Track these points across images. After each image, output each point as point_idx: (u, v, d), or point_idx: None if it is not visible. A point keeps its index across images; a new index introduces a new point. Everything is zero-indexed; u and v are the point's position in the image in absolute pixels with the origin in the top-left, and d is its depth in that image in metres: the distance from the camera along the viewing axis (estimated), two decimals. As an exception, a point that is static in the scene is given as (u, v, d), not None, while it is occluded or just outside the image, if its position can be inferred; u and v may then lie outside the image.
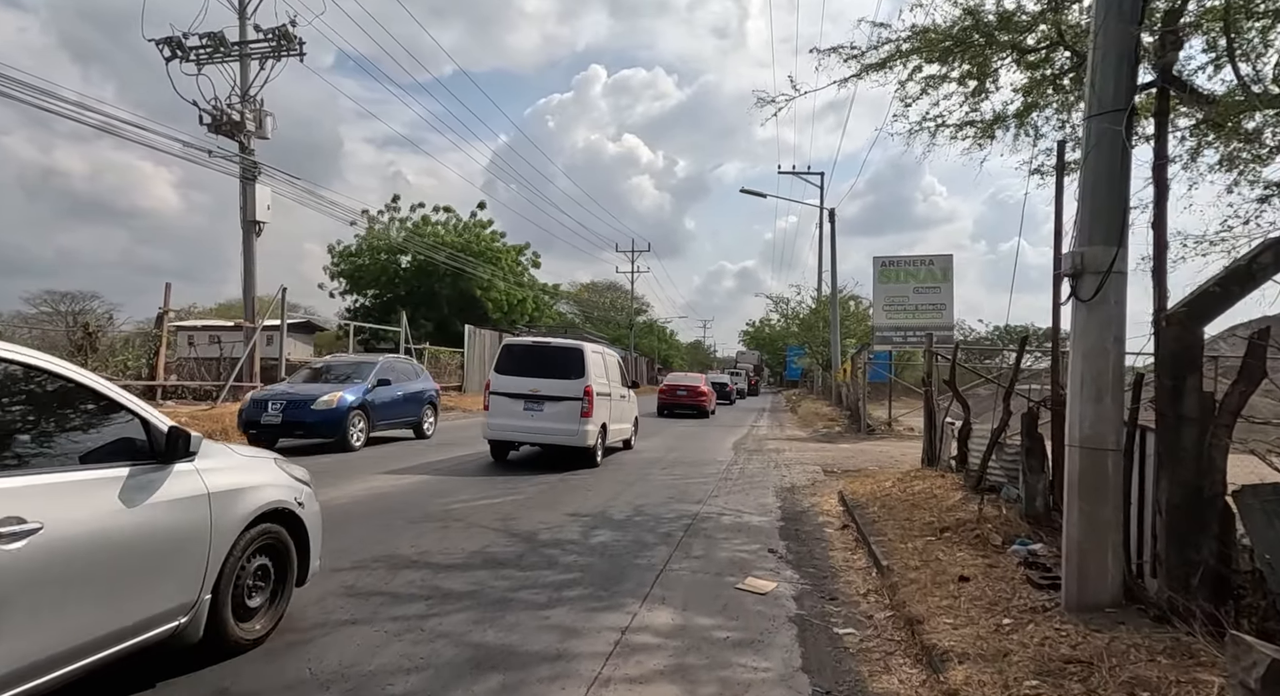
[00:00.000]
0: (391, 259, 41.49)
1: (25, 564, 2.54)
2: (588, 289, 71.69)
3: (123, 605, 3.00)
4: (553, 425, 11.12)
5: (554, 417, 11.11)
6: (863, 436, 18.56)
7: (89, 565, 2.82)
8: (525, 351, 11.78)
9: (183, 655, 3.46)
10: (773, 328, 52.78)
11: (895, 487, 8.54)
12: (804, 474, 11.61)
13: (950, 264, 19.68)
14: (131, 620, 3.03)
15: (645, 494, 9.11)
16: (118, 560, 2.97)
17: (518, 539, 6.45)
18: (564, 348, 11.75)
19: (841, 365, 24.80)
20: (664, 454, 13.65)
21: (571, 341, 12.44)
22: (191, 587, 3.35)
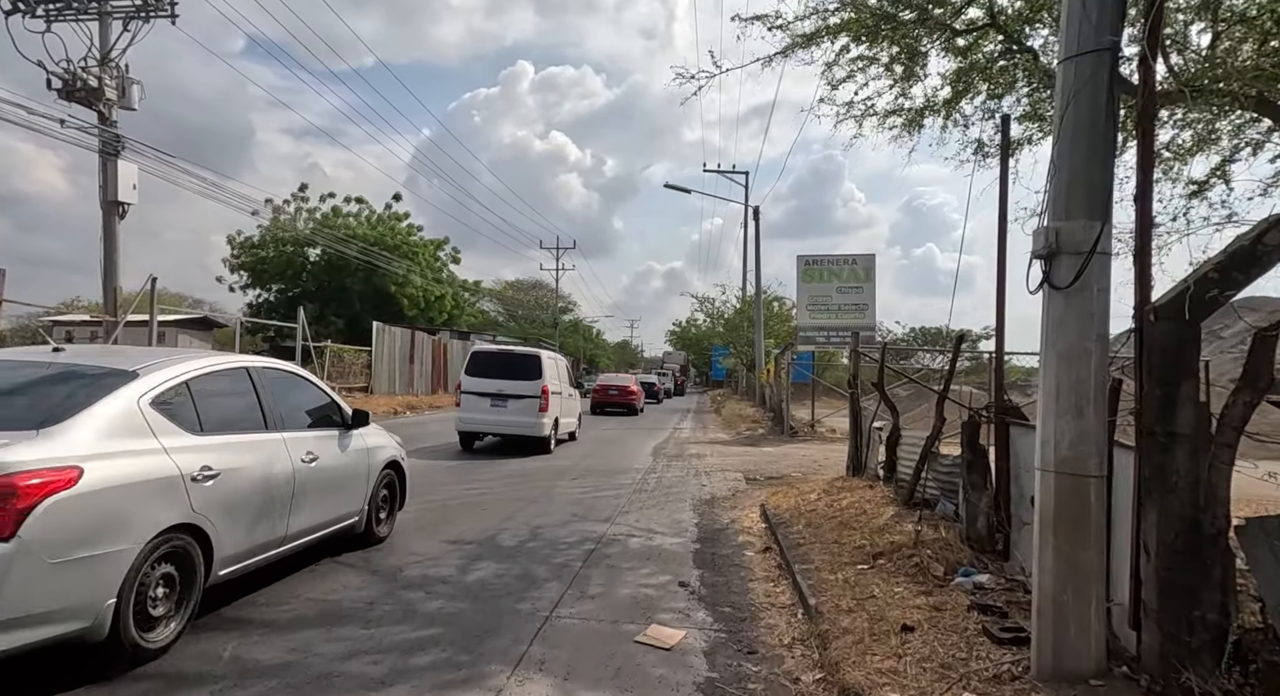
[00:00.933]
0: (298, 251, 38.92)
1: (313, 476, 5.05)
2: (512, 286, 69.80)
3: (338, 505, 5.50)
4: (515, 418, 13.10)
5: (516, 412, 13.07)
6: (786, 439, 17.98)
7: (329, 480, 5.32)
8: (491, 357, 14.04)
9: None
10: (698, 328, 52.43)
11: (821, 500, 7.75)
12: (725, 482, 10.77)
13: (873, 264, 19.38)
14: (340, 512, 5.56)
15: (547, 511, 8.03)
16: (337, 480, 5.45)
17: (376, 578, 5.28)
18: (524, 354, 14.01)
19: (765, 365, 24.33)
20: (578, 461, 12.58)
21: (530, 349, 14.76)
22: (360, 502, 5.86)
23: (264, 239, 38.82)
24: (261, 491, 4.52)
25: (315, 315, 38.70)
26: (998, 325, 5.58)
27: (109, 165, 14.27)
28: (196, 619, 4.04)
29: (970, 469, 5.53)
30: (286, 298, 39.96)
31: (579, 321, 65.67)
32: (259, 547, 4.54)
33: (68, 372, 4.03)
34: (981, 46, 9.10)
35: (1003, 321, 5.58)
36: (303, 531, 5.04)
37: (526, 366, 13.40)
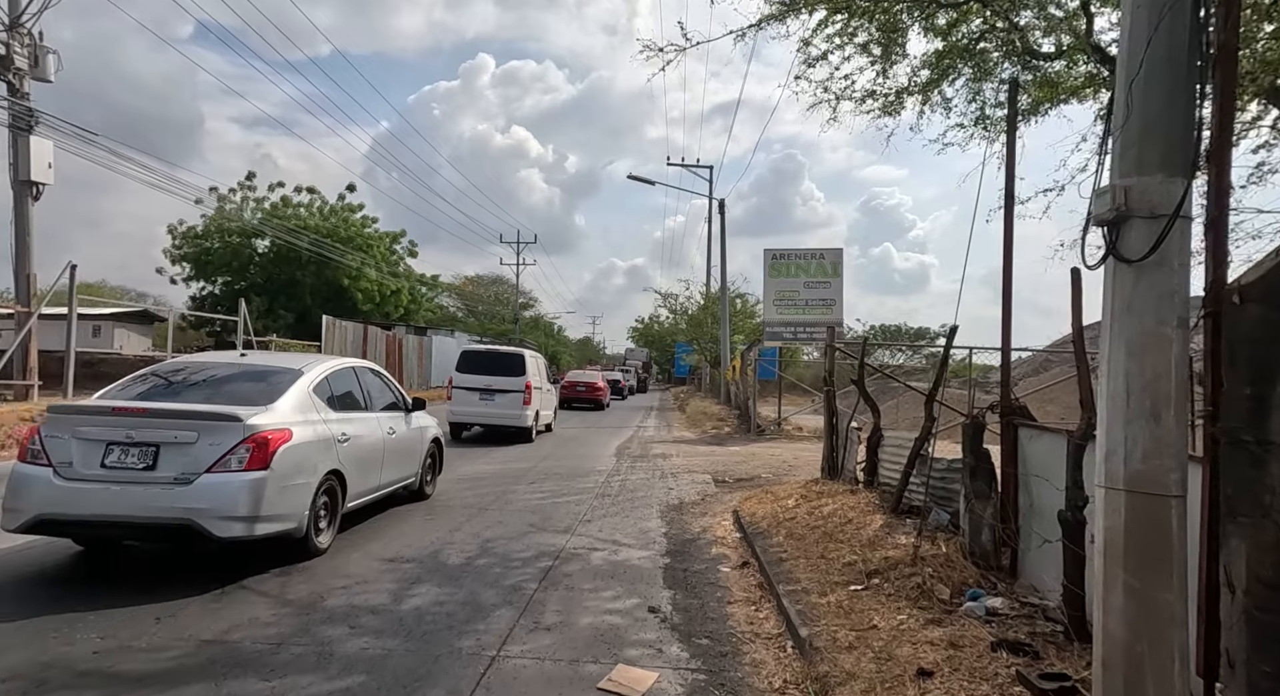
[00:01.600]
0: (245, 243, 37.18)
1: (392, 445, 7.00)
2: (472, 282, 68.33)
3: (405, 468, 7.47)
4: (502, 411, 14.56)
5: (503, 405, 14.55)
6: (753, 437, 17.44)
7: (400, 449, 7.26)
8: (480, 355, 15.72)
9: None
10: (661, 324, 51.83)
11: (801, 507, 7.13)
12: (693, 485, 10.11)
13: (840, 258, 18.95)
14: (406, 473, 7.54)
15: (501, 520, 7.25)
16: (403, 449, 7.35)
17: (290, 610, 4.44)
18: (510, 353, 15.69)
19: (731, 362, 23.80)
20: (536, 463, 11.80)
21: (515, 349, 16.52)
22: (417, 466, 7.87)
23: (208, 229, 37.00)
24: (369, 452, 6.57)
25: (264, 309, 37.06)
26: (1004, 312, 5.00)
27: (19, 142, 12.97)
28: (45, 676, 3.19)
29: (974, 475, 4.94)
30: (233, 290, 38.11)
31: (539, 317, 64.57)
32: (366, 491, 6.61)
33: (259, 371, 5.98)
34: (967, 21, 8.60)
35: (1009, 307, 5.00)
36: (386, 483, 7.11)
37: (512, 364, 14.93)
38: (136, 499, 4.78)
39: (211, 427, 4.97)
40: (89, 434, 4.93)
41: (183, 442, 4.90)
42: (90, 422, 4.96)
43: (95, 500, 4.77)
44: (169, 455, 4.89)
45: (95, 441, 4.91)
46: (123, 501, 4.77)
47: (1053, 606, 4.12)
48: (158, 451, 4.89)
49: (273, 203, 38.24)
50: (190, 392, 5.57)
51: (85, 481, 4.82)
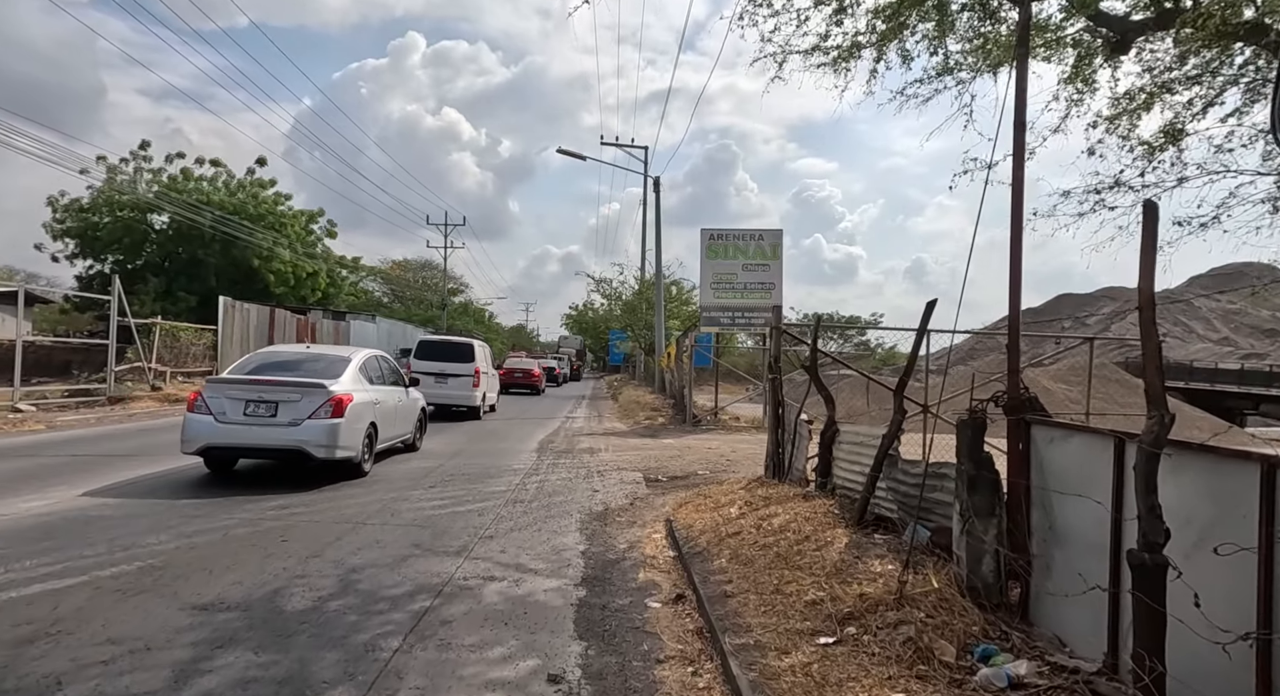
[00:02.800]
0: (139, 218, 33.82)
1: (400, 409, 10.04)
2: (400, 266, 65.26)
3: (407, 426, 10.50)
4: (454, 392, 16.44)
5: (455, 387, 16.44)
6: (688, 428, 16.31)
7: (404, 412, 10.31)
8: (435, 344, 17.80)
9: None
10: (595, 312, 50.40)
11: (746, 518, 5.93)
12: (621, 486, 8.84)
13: (780, 240, 17.97)
14: (407, 430, 10.55)
15: (379, 539, 5.80)
16: (405, 412, 10.33)
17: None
18: (461, 342, 17.93)
19: (666, 349, 22.65)
20: (443, 461, 10.29)
21: (466, 339, 18.93)
22: (412, 426, 10.80)
23: (95, 202, 33.51)
24: (389, 412, 9.45)
25: (162, 291, 33.91)
26: (1011, 282, 3.87)
27: None
28: None
29: (973, 487, 3.81)
30: (126, 270, 34.72)
31: (469, 303, 62.08)
32: (387, 439, 9.47)
33: (325, 356, 9.10)
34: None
35: (1019, 276, 3.88)
36: (396, 435, 10.04)
37: (463, 352, 17.05)
38: (267, 434, 7.78)
39: (309, 391, 7.94)
40: (234, 394, 7.87)
41: (292, 400, 7.86)
42: (234, 388, 7.92)
43: (242, 435, 7.76)
44: (284, 408, 7.84)
45: (238, 399, 7.84)
46: (259, 435, 7.77)
47: (1094, 671, 3.01)
48: (277, 405, 7.84)
49: (171, 175, 34.96)
50: (286, 370, 8.42)
51: (234, 424, 7.76)
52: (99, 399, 16.98)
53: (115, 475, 8.02)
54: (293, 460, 8.07)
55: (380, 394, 9.25)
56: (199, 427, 7.78)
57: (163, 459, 9.06)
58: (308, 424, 7.78)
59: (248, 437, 7.76)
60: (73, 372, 21.42)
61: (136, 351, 18.64)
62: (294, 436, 7.73)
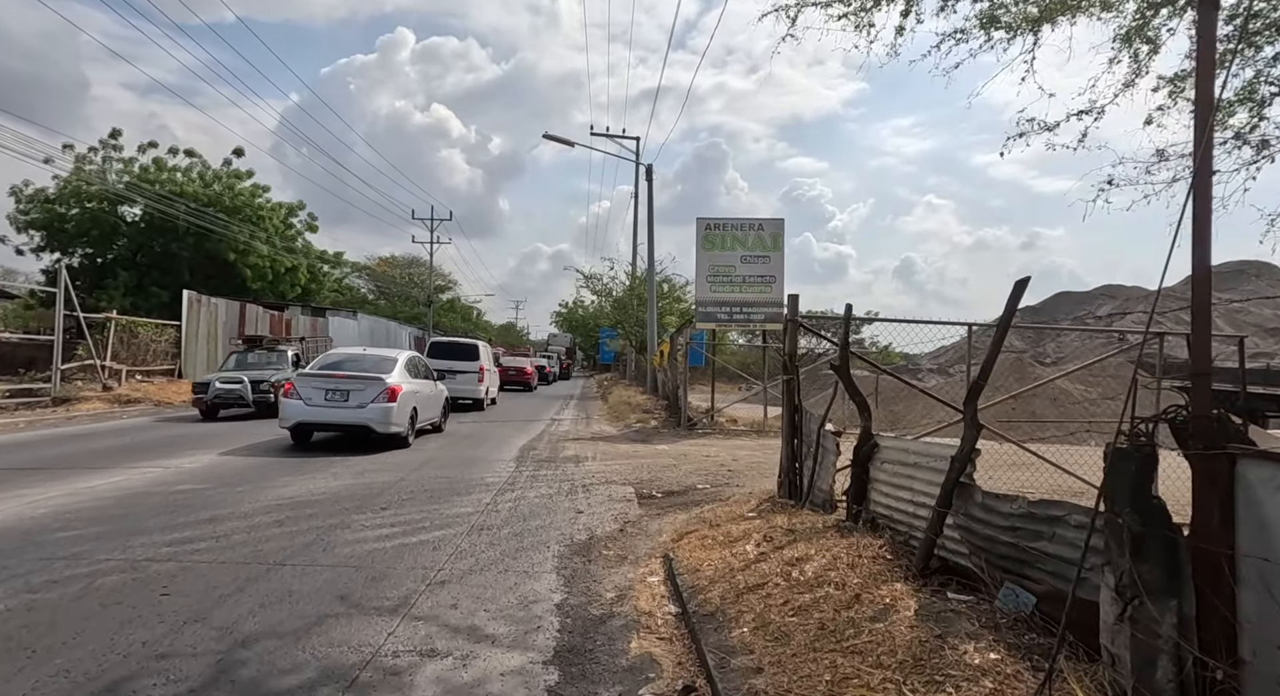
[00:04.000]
0: (108, 209, 32.13)
1: (431, 398, 12.72)
2: (387, 263, 63.62)
3: (435, 412, 13.08)
4: (461, 387, 17.88)
5: (462, 383, 17.98)
6: (683, 432, 14.98)
7: (434, 401, 12.96)
8: (445, 345, 19.71)
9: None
10: (585, 309, 48.95)
11: (768, 557, 4.60)
12: (610, 505, 7.50)
13: (781, 229, 16.64)
14: (435, 415, 13.12)
15: (292, 589, 4.43)
16: (435, 401, 13.00)
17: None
18: (467, 343, 20.10)
19: (658, 346, 21.31)
20: (406, 473, 8.90)
21: (471, 340, 21.57)
22: (439, 412, 13.35)
23: (62, 193, 31.81)
24: (424, 400, 11.96)
25: (132, 285, 32.29)
26: (1196, 242, 2.56)
27: None
28: None
29: (1139, 551, 2.49)
30: (96, 264, 33.13)
31: (456, 300, 60.44)
32: (423, 420, 11.90)
33: (378, 356, 11.93)
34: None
35: (1207, 246, 2.56)
36: (428, 419, 12.39)
37: (469, 352, 19.14)
38: (342, 414, 10.56)
39: (371, 382, 10.71)
40: (316, 384, 10.65)
41: (359, 389, 10.60)
42: (317, 380, 10.71)
43: (323, 414, 10.56)
44: (354, 395, 10.59)
45: (320, 388, 10.58)
46: (336, 415, 10.58)
47: None
48: (348, 393, 10.58)
49: (143, 165, 33.31)
50: (352, 365, 11.30)
51: (317, 406, 10.53)
52: (43, 399, 15.47)
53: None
54: (359, 434, 10.80)
55: (419, 386, 12.04)
56: (293, 409, 10.61)
57: (60, 478, 7.65)
58: (371, 406, 10.57)
59: (328, 416, 10.59)
60: (27, 371, 19.85)
61: (88, 348, 17.12)
62: (361, 416, 10.55)
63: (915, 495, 4.63)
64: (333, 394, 10.49)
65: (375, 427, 10.49)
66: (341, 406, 10.46)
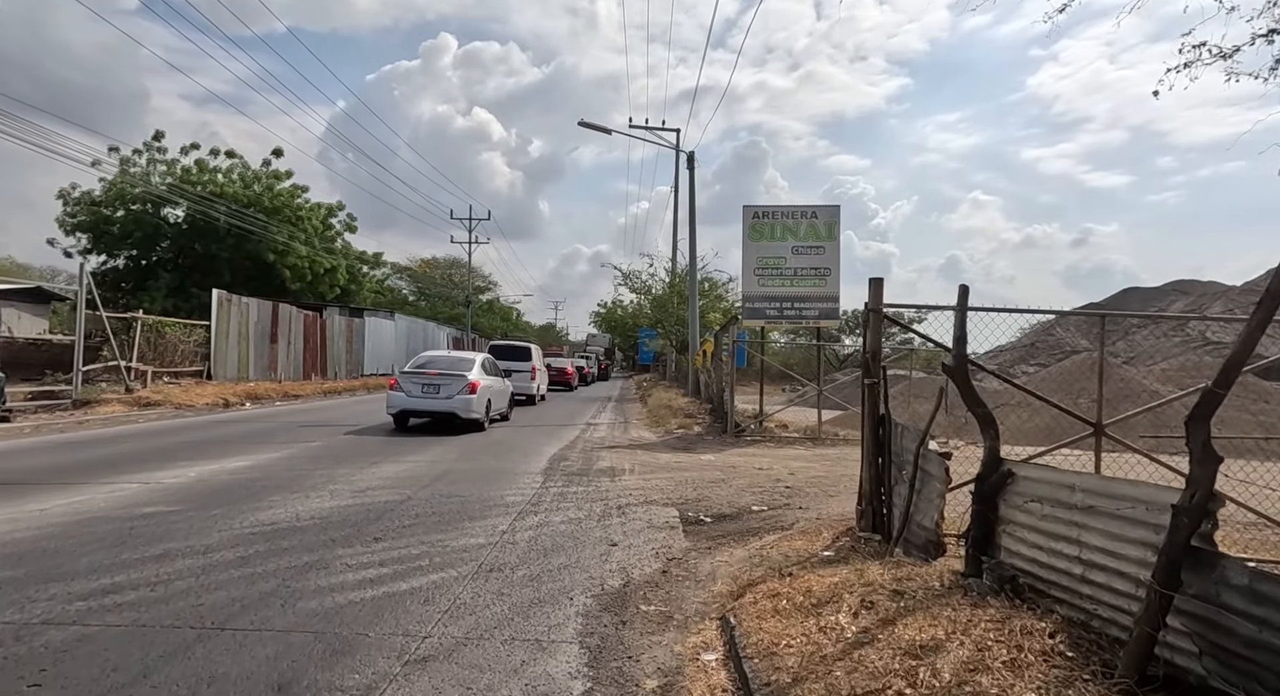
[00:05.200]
0: (151, 211, 32.08)
1: (501, 393, 15.53)
2: (428, 264, 63.48)
3: (502, 404, 15.58)
4: (517, 384, 19.11)
5: (517, 381, 19.26)
6: (729, 440, 13.57)
7: (502, 394, 15.64)
8: (503, 348, 22.32)
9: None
10: (624, 309, 47.77)
11: (874, 640, 3.21)
12: (649, 534, 6.17)
13: (837, 217, 15.10)
14: (503, 407, 15.68)
15: (225, 666, 3.19)
16: (503, 394, 15.74)
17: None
18: (521, 346, 23.35)
19: (700, 346, 19.91)
20: (416, 490, 7.70)
21: (525, 343, 25.39)
22: (506, 405, 16.07)
23: (108, 195, 31.84)
24: (495, 393, 14.68)
25: (174, 287, 32.20)
26: None
27: None
28: None
29: None
30: (140, 266, 33.15)
31: (494, 300, 59.82)
32: (495, 411, 14.73)
33: (460, 357, 15.14)
34: None
35: None
36: (498, 409, 14.99)
37: (523, 353, 21.90)
38: (435, 403, 12.89)
39: (457, 379, 13.10)
40: (415, 380, 13.11)
41: (446, 384, 12.97)
42: (415, 377, 13.17)
43: (420, 403, 12.91)
44: (443, 388, 12.95)
45: (417, 383, 13.02)
46: (429, 404, 12.92)
47: None
48: (439, 386, 12.96)
49: (185, 167, 33.21)
50: (441, 365, 13.85)
51: (416, 397, 12.94)
52: (63, 402, 14.82)
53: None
54: (447, 420, 13.11)
55: (491, 381, 14.53)
56: (398, 400, 13.10)
57: (14, 498, 6.63)
58: (456, 397, 12.99)
59: (424, 405, 13.03)
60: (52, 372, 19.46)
61: (112, 349, 16.48)
62: (449, 405, 12.96)
63: (1086, 552, 3.20)
64: (427, 388, 13.12)
65: (460, 413, 13.06)
66: (434, 397, 13.09)
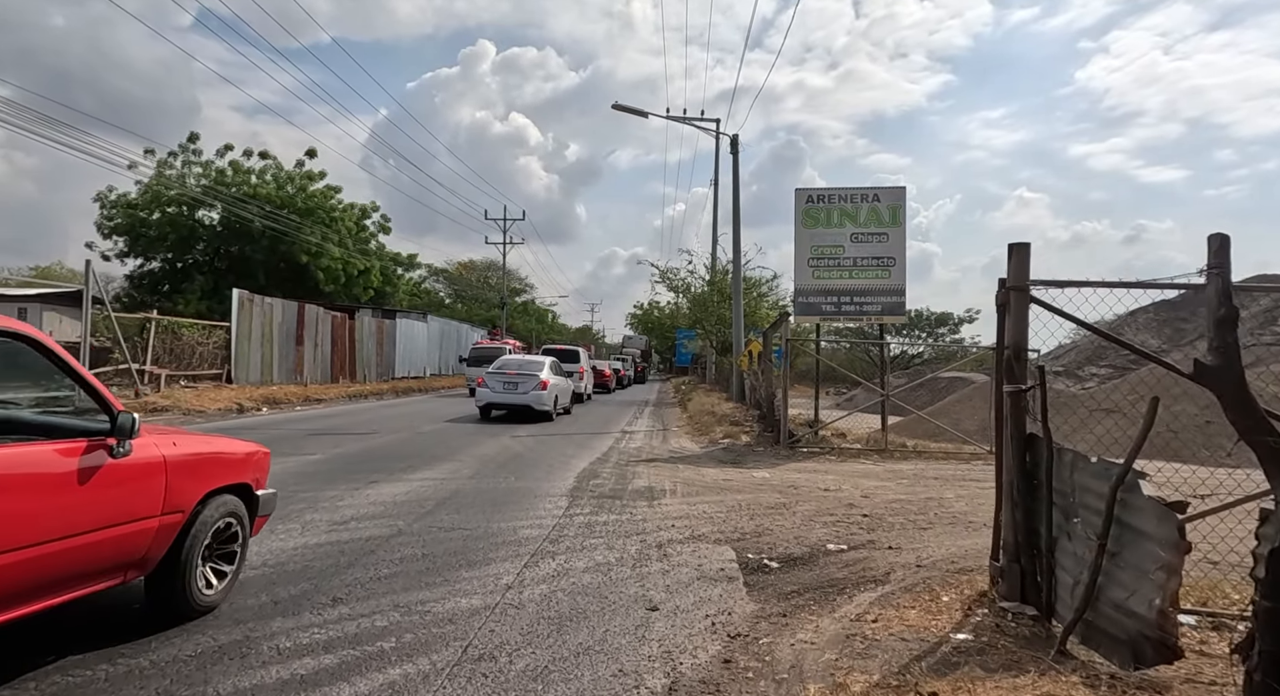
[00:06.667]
0: (186, 214, 31.68)
1: (566, 390, 18.87)
2: (466, 267, 62.87)
3: (566, 399, 18.87)
4: None
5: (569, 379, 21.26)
6: (784, 451, 11.88)
7: (567, 391, 19.12)
8: (554, 352, 24.15)
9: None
10: (661, 310, 46.20)
11: None
12: (700, 593, 4.58)
13: (902, 200, 13.34)
14: (566, 401, 18.90)
15: None
16: (568, 391, 19.25)
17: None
18: (571, 349, 26.29)
19: (746, 346, 18.24)
20: (411, 521, 6.27)
21: (574, 347, 28.12)
22: (569, 399, 19.49)
23: (144, 198, 31.55)
24: (562, 390, 18.01)
25: (209, 289, 31.75)
26: None
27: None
28: None
29: None
30: (175, 269, 32.81)
31: (529, 302, 58.80)
32: (561, 405, 17.89)
33: (534, 359, 18.38)
34: None
35: None
36: (564, 404, 18.44)
37: (573, 356, 24.31)
38: (514, 397, 15.95)
39: (531, 377, 16.14)
40: (498, 378, 16.29)
41: (523, 382, 16.04)
42: (498, 376, 16.30)
43: (503, 398, 16.06)
44: (522, 385, 16.00)
45: (499, 381, 16.19)
46: (509, 398, 16.00)
47: None
48: (518, 383, 16.03)
49: (219, 168, 32.77)
50: (519, 366, 16.80)
51: (499, 392, 16.09)
52: (69, 407, 13.83)
53: None
54: (523, 411, 15.86)
55: (559, 380, 17.45)
56: (485, 395, 16.15)
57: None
58: (531, 392, 15.85)
59: (505, 399, 15.94)
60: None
61: (123, 351, 15.55)
62: (525, 400, 15.79)
63: None
64: (508, 385, 16.04)
65: (534, 406, 15.79)
66: (513, 393, 15.92)
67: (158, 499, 3.34)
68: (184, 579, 3.53)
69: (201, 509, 3.62)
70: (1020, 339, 4.01)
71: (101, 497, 3.03)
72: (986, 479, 9.57)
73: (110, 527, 3.08)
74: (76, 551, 2.92)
